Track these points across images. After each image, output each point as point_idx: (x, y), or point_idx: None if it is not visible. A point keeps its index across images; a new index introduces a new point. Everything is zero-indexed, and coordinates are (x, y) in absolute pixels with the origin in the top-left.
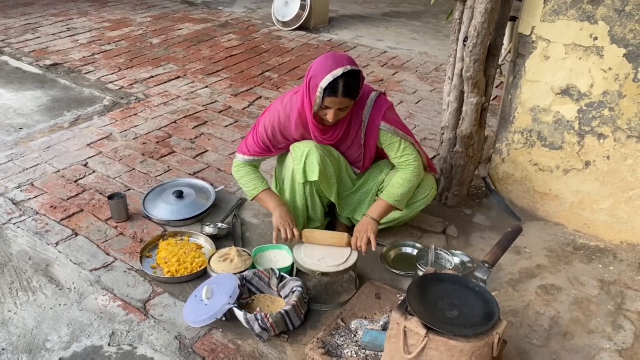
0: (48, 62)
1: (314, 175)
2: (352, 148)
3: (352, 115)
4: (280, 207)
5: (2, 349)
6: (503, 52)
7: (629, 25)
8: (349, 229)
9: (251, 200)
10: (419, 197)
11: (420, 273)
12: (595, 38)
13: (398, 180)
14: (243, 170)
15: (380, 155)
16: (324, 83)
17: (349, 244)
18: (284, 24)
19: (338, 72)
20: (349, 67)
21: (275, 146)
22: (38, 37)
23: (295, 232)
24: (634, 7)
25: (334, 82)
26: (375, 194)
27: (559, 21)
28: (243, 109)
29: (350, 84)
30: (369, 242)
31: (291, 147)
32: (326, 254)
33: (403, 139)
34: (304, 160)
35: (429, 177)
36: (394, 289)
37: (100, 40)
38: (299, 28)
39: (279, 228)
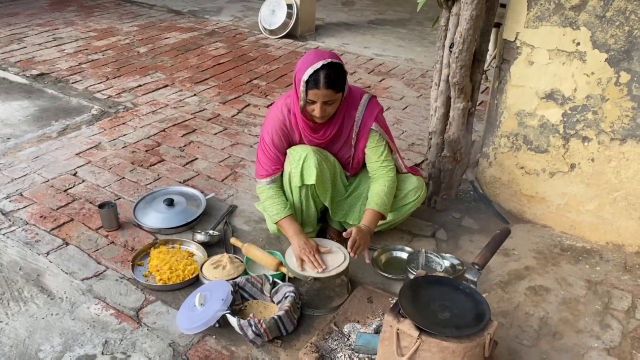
0: (35, 72)
1: (311, 179)
2: (344, 149)
3: (344, 116)
4: (298, 236)
5: None
6: (488, 58)
7: (610, 31)
8: (341, 234)
9: (274, 223)
10: (410, 199)
11: (412, 276)
12: (578, 43)
13: (382, 189)
14: (266, 194)
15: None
16: (305, 76)
17: (277, 269)
18: (271, 32)
19: (318, 64)
20: (329, 60)
21: (285, 155)
22: (24, 47)
23: (320, 262)
24: (614, 13)
25: (315, 74)
26: (365, 197)
27: (542, 27)
28: (232, 116)
29: (332, 76)
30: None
31: (288, 151)
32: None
33: (387, 145)
34: (302, 163)
35: (419, 179)
36: (385, 292)
37: (87, 49)
38: (286, 36)
39: (301, 258)
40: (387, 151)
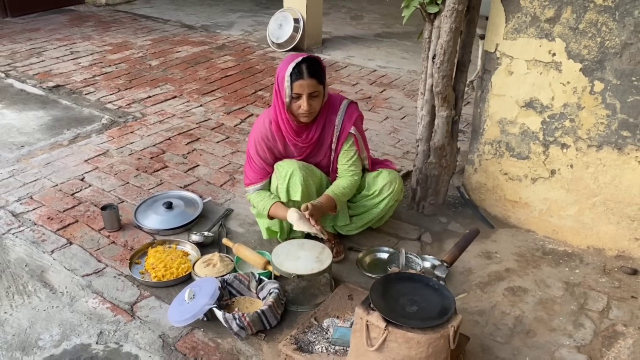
0: (51, 84)
1: (296, 195)
2: (326, 154)
3: (325, 121)
4: (293, 212)
5: None
6: (478, 68)
7: (583, 42)
8: (335, 236)
9: (270, 219)
10: (385, 194)
11: None
12: (554, 54)
13: (344, 184)
14: (254, 199)
15: None
16: (288, 70)
17: (265, 268)
18: (279, 45)
19: (298, 59)
20: (307, 55)
21: (270, 166)
22: (42, 61)
23: (313, 221)
24: (586, 25)
25: (297, 66)
26: (346, 203)
27: (520, 39)
28: (235, 126)
29: (313, 67)
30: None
31: (276, 166)
32: (302, 258)
33: (358, 153)
34: (288, 180)
35: (390, 172)
36: (366, 290)
37: (101, 63)
38: (293, 49)
39: (303, 226)
40: (357, 158)
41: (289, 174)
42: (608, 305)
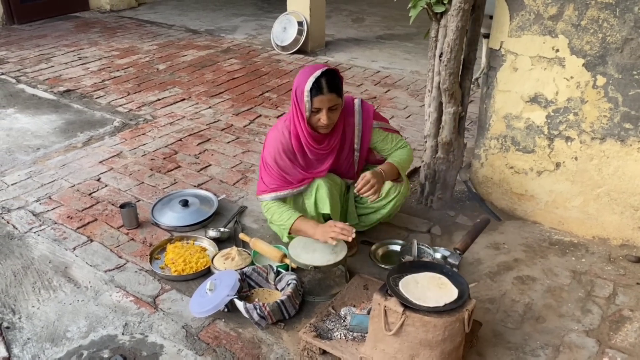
0: (62, 88)
1: (325, 208)
2: (348, 155)
3: (344, 125)
4: (318, 227)
5: (28, 339)
6: (482, 66)
7: (585, 38)
8: None
9: (288, 235)
10: (391, 196)
11: None
12: (557, 50)
13: (404, 152)
14: (272, 209)
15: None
16: (308, 85)
17: (282, 260)
18: (283, 48)
19: (317, 73)
20: (325, 68)
21: (290, 175)
22: (52, 67)
23: (347, 226)
24: (588, 21)
25: (317, 81)
26: (354, 199)
27: (524, 36)
28: (244, 126)
29: (332, 81)
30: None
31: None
32: (318, 250)
33: (391, 133)
34: (315, 194)
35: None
36: (381, 281)
37: (110, 67)
38: (297, 52)
39: (332, 238)
40: (395, 135)
41: (314, 188)
42: (614, 292)
